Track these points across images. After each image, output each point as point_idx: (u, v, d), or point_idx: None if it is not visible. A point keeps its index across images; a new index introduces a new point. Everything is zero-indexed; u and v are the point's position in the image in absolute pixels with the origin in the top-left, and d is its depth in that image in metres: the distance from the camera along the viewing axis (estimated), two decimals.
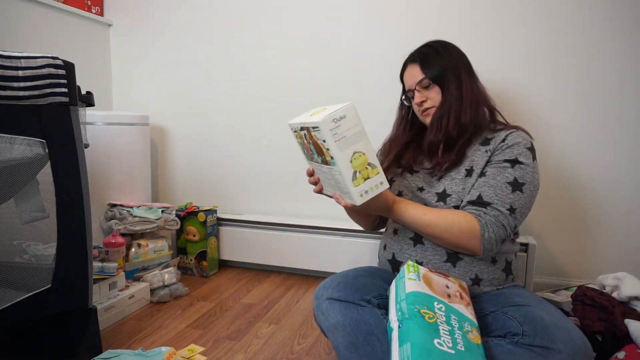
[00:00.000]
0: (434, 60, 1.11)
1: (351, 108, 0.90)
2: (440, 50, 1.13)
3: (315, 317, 1.01)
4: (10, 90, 0.88)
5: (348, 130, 0.91)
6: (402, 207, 1.04)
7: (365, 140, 0.91)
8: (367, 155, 0.92)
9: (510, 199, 0.99)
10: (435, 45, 1.15)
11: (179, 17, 1.94)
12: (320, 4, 1.74)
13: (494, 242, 0.98)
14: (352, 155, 0.92)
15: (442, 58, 1.11)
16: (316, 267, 1.77)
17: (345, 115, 0.90)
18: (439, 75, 1.10)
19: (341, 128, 0.91)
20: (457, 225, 1.00)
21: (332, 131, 0.90)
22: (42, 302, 0.98)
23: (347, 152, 0.92)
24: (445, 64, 1.10)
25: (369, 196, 0.94)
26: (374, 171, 0.93)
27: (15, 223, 0.96)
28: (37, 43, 1.70)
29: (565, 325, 0.84)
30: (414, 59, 1.15)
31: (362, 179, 0.93)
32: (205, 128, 1.98)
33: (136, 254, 1.61)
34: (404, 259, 1.10)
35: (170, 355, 1.10)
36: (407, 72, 1.16)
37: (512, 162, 1.01)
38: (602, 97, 1.49)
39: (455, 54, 1.14)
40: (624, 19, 1.43)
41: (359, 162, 0.93)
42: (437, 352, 0.75)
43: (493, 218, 0.98)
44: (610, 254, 1.55)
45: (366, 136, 0.91)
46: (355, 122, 0.91)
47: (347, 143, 0.91)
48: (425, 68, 1.12)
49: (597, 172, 1.52)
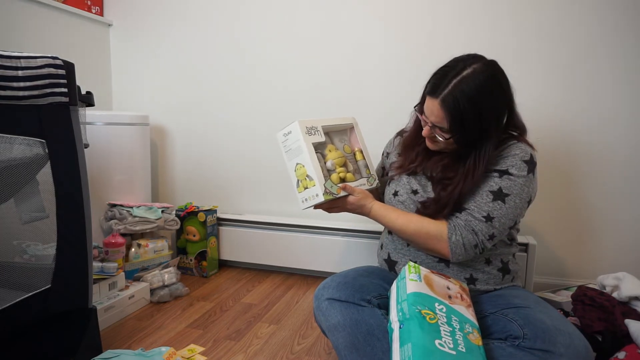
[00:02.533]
0: (467, 121, 0.94)
1: (296, 125, 1.07)
2: (476, 102, 0.92)
3: (316, 317, 1.01)
4: (10, 90, 0.88)
5: (293, 143, 1.08)
6: (380, 212, 1.11)
7: (304, 155, 1.07)
8: (305, 168, 1.06)
9: (489, 207, 0.98)
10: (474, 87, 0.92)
11: (179, 17, 1.94)
12: (320, 3, 1.74)
13: (462, 246, 0.98)
14: (295, 166, 1.09)
15: (476, 120, 0.93)
16: (316, 267, 1.77)
17: (291, 131, 1.08)
18: (463, 141, 0.98)
19: (288, 142, 1.09)
20: (425, 229, 1.02)
21: (282, 143, 1.11)
22: (42, 302, 0.98)
23: (292, 162, 1.10)
24: (476, 127, 0.94)
25: (309, 204, 1.09)
26: (311, 183, 1.06)
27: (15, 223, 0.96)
28: (37, 43, 1.69)
29: (566, 329, 0.84)
30: (444, 101, 0.94)
31: (302, 187, 1.09)
32: (205, 128, 1.98)
33: (136, 254, 1.61)
34: (399, 259, 1.11)
35: (170, 355, 1.10)
36: (431, 104, 0.98)
37: (502, 172, 1.00)
38: (602, 97, 1.49)
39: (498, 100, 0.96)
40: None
41: (300, 172, 1.08)
42: (438, 353, 0.75)
43: (463, 222, 0.99)
44: (610, 254, 1.55)
45: (306, 151, 1.06)
46: (298, 137, 1.07)
47: (292, 154, 1.09)
48: (451, 123, 0.95)
49: (598, 172, 1.52)
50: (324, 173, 1.08)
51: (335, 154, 1.14)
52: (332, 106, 1.77)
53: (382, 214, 1.10)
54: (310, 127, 1.10)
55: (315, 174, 1.05)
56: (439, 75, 0.98)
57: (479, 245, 0.99)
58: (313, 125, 1.11)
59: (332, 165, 1.11)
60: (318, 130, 1.12)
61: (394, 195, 1.14)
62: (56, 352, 1.04)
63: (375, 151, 1.35)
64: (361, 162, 1.22)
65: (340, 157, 1.14)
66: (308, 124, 1.10)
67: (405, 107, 1.25)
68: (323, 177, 1.06)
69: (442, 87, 0.95)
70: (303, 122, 1.08)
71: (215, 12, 1.89)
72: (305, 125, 1.09)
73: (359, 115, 1.42)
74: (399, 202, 1.12)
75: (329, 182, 1.07)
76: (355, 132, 1.25)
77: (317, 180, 1.05)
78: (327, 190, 1.06)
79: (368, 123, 1.54)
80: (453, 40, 1.59)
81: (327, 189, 1.06)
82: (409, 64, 1.65)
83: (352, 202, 1.11)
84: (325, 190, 1.05)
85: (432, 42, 1.62)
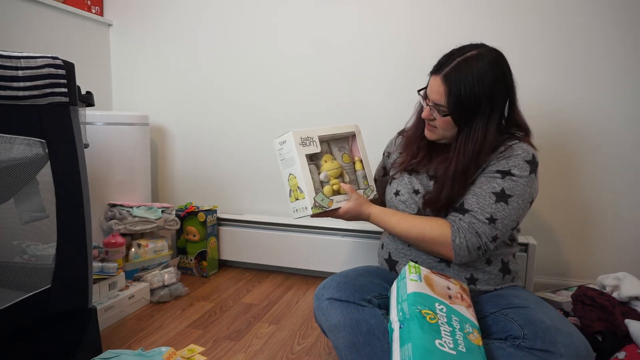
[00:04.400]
0: (465, 100, 0.97)
1: (290, 136, 1.06)
2: (477, 81, 0.96)
3: (316, 317, 1.01)
4: (10, 90, 0.88)
5: (287, 153, 1.07)
6: (380, 217, 1.10)
7: (296, 166, 1.06)
8: (297, 180, 1.06)
9: (492, 208, 0.98)
10: (476, 68, 0.96)
11: (179, 16, 1.94)
12: (320, 4, 1.74)
13: (465, 249, 0.98)
14: (288, 176, 1.08)
15: (474, 98, 0.96)
16: (316, 267, 1.77)
17: (286, 141, 1.07)
18: (459, 117, 0.99)
19: (283, 150, 1.09)
20: (428, 232, 1.02)
21: (278, 151, 1.10)
22: (42, 302, 0.97)
23: (286, 172, 1.09)
24: (473, 104, 0.97)
25: (299, 215, 1.08)
26: (301, 195, 1.05)
27: (15, 223, 0.96)
28: (37, 43, 1.69)
29: (567, 329, 0.84)
30: (447, 77, 0.98)
31: (294, 198, 1.09)
32: (205, 128, 1.98)
33: (136, 254, 1.61)
34: (399, 259, 1.11)
35: (170, 355, 1.10)
36: (434, 82, 1.02)
37: (504, 173, 0.99)
38: (603, 97, 1.49)
39: (498, 84, 0.98)
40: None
41: (292, 182, 1.08)
42: (438, 353, 0.75)
43: (467, 225, 0.99)
44: (610, 253, 1.55)
45: (298, 163, 1.05)
46: (291, 148, 1.06)
47: (286, 164, 1.08)
48: (449, 100, 0.98)
49: (597, 172, 1.52)
50: (315, 186, 1.06)
51: (330, 165, 1.11)
52: (332, 108, 1.77)
53: (383, 218, 1.09)
54: (306, 137, 1.08)
55: (306, 187, 1.04)
56: (445, 56, 1.03)
57: (483, 247, 0.99)
58: (309, 135, 1.08)
59: (325, 178, 1.09)
60: (314, 140, 1.09)
61: (396, 194, 1.14)
62: (56, 352, 1.04)
63: (376, 155, 1.34)
64: (360, 172, 1.19)
65: (336, 168, 1.11)
66: (303, 135, 1.07)
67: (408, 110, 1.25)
68: (314, 190, 1.05)
69: (446, 65, 1.00)
70: (298, 132, 1.06)
71: (215, 12, 1.89)
72: (300, 135, 1.06)
73: (361, 120, 1.41)
74: (401, 201, 1.12)
75: (320, 195, 1.06)
76: (356, 141, 1.21)
77: (307, 193, 1.04)
78: (317, 203, 1.05)
79: (368, 122, 1.54)
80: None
81: (316, 202, 1.05)
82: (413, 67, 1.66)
83: (347, 210, 1.09)
84: (315, 204, 1.04)
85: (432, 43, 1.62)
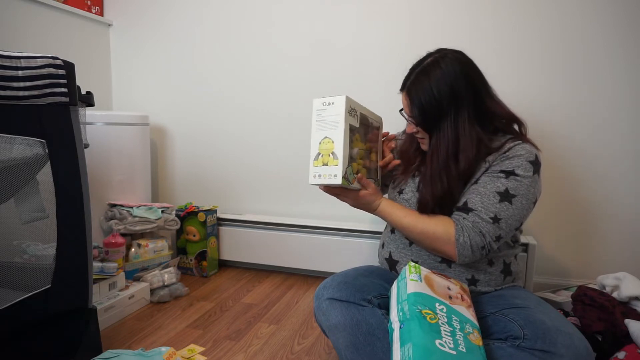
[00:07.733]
0: (426, 105, 1.00)
1: (342, 99, 0.99)
2: (434, 86, 0.99)
3: (316, 317, 1.01)
4: (10, 90, 0.88)
5: (330, 116, 1.00)
6: (387, 210, 1.09)
7: (339, 131, 0.99)
8: (334, 145, 0.99)
9: (496, 208, 0.98)
10: (433, 74, 1.00)
11: (179, 17, 1.94)
12: (320, 3, 1.74)
13: (469, 248, 0.98)
14: (323, 139, 1.01)
15: (435, 102, 0.99)
16: (316, 267, 1.77)
17: (334, 103, 1.00)
18: (427, 125, 1.03)
19: (326, 112, 1.01)
20: (432, 230, 1.01)
21: (317, 111, 1.01)
22: (42, 302, 0.97)
23: (320, 134, 1.01)
24: (435, 109, 1.00)
25: (320, 181, 1.01)
26: (334, 162, 0.99)
27: (15, 223, 0.96)
28: (37, 43, 1.69)
29: (567, 329, 0.84)
30: (409, 92, 1.04)
31: (321, 162, 1.01)
32: (205, 128, 1.98)
33: (136, 254, 1.61)
34: (400, 258, 1.11)
35: (170, 355, 1.10)
36: (403, 99, 1.08)
37: (508, 173, 0.99)
38: (603, 97, 1.49)
39: (458, 81, 1.00)
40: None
41: (325, 147, 1.00)
42: (438, 353, 0.74)
43: (471, 224, 0.98)
44: (610, 253, 1.55)
45: (342, 130, 0.98)
46: (339, 112, 0.98)
47: (324, 126, 1.00)
48: (413, 111, 1.03)
49: (597, 172, 1.52)
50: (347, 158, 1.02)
51: (360, 145, 1.08)
52: None
53: (389, 211, 1.08)
54: (353, 108, 1.03)
55: (342, 155, 0.98)
56: (408, 72, 1.07)
57: (486, 246, 0.98)
58: (355, 107, 1.04)
59: (356, 154, 1.05)
60: (357, 114, 1.05)
61: (399, 193, 1.14)
62: (56, 352, 1.04)
63: None
64: (373, 163, 1.18)
65: (363, 149, 1.09)
66: (352, 104, 1.03)
67: None
68: (348, 161, 1.01)
69: (408, 80, 1.05)
70: (350, 100, 1.01)
71: (215, 12, 1.89)
72: (350, 104, 1.01)
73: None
74: (404, 199, 1.12)
75: (350, 169, 1.01)
76: (378, 133, 1.19)
77: (341, 161, 0.98)
78: (346, 175, 1.00)
79: None
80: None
81: (346, 174, 1.00)
82: None
83: (363, 195, 1.07)
84: (345, 175, 1.00)
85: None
